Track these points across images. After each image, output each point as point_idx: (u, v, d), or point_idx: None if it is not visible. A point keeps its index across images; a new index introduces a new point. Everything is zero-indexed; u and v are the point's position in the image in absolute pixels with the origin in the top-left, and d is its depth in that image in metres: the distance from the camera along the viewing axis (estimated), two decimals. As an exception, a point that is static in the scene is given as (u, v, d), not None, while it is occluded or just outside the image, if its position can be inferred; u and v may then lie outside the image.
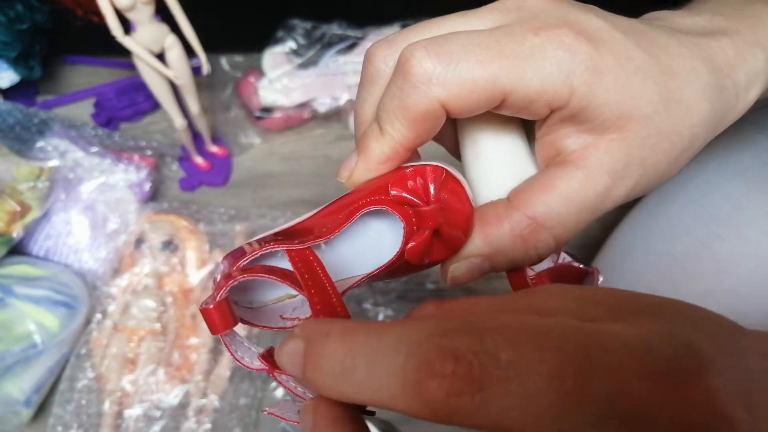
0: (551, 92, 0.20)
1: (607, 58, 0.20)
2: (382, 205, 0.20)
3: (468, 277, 0.23)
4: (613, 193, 0.22)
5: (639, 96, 0.21)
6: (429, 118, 0.21)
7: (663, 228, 0.46)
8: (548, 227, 0.21)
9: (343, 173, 0.23)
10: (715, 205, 0.43)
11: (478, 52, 0.20)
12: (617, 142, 0.21)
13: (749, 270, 0.40)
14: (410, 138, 0.22)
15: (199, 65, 0.53)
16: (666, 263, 0.44)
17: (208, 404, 0.53)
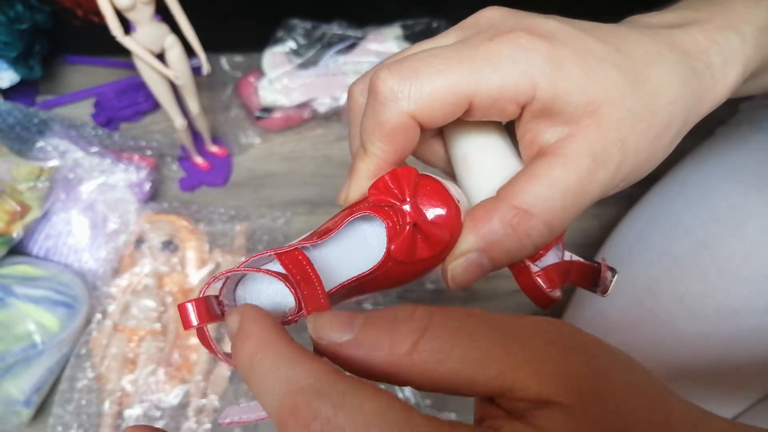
0: (513, 88, 0.21)
1: (564, 51, 0.21)
2: (365, 211, 0.22)
3: (467, 275, 0.23)
4: (597, 176, 0.22)
5: (604, 81, 0.22)
6: (402, 131, 0.22)
7: (662, 228, 0.46)
8: (536, 214, 0.22)
9: (341, 196, 0.26)
10: (713, 205, 0.43)
11: (436, 63, 0.21)
12: (592, 127, 0.22)
13: (748, 269, 0.40)
14: (389, 152, 0.23)
15: (199, 65, 0.53)
16: (665, 263, 0.44)
17: (208, 404, 0.53)
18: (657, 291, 0.43)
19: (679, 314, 0.42)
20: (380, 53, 0.65)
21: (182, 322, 0.20)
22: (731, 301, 0.40)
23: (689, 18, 0.25)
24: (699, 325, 0.41)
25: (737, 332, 0.40)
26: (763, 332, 0.39)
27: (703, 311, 0.41)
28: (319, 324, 0.19)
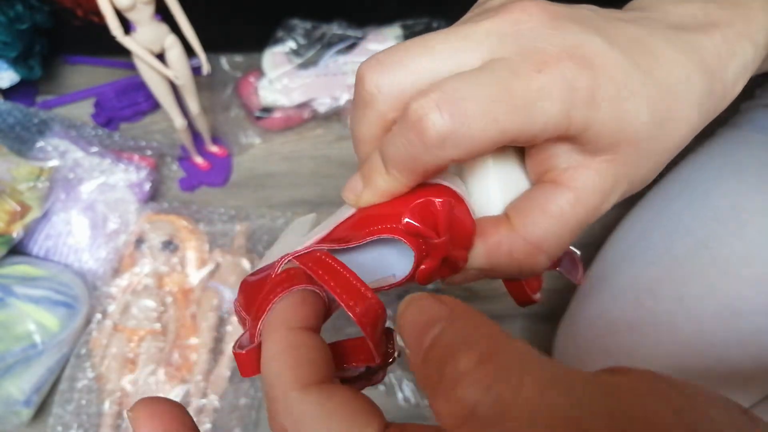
0: (553, 127, 0.21)
1: (604, 87, 0.21)
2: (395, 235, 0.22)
3: (463, 282, 0.25)
4: (602, 208, 0.23)
5: (633, 121, 0.21)
6: (439, 170, 0.22)
7: (662, 228, 0.46)
8: (544, 250, 0.23)
9: (350, 195, 0.24)
10: (714, 205, 0.43)
11: (492, 108, 0.20)
12: (607, 164, 0.22)
13: (748, 270, 0.40)
14: (417, 182, 0.22)
15: (199, 65, 0.53)
16: (666, 263, 0.44)
17: (208, 404, 0.53)
18: (657, 291, 0.43)
19: (679, 314, 0.42)
20: (380, 53, 0.65)
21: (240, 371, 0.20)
22: (732, 301, 0.40)
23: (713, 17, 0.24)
24: (699, 326, 0.41)
25: (738, 333, 0.40)
26: (763, 333, 0.39)
27: (703, 312, 0.41)
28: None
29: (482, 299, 0.60)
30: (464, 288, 0.60)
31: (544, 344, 0.57)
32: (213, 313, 0.56)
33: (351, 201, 0.24)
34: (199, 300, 0.56)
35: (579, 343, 0.49)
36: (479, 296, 0.60)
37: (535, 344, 0.54)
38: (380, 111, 0.22)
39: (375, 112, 0.23)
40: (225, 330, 0.56)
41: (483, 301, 0.60)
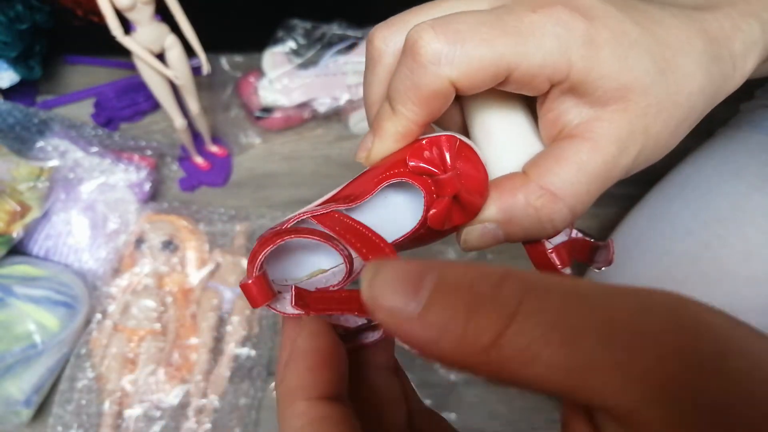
0: (551, 67, 0.21)
1: (602, 32, 0.21)
2: (403, 177, 0.22)
3: (480, 242, 0.23)
4: (620, 161, 0.22)
5: (636, 67, 0.21)
6: (439, 96, 0.22)
7: (663, 228, 0.46)
8: (562, 197, 0.22)
9: (361, 153, 0.24)
10: (714, 205, 0.43)
11: (483, 30, 0.21)
12: (619, 113, 0.22)
13: (749, 270, 0.40)
14: (422, 115, 0.22)
15: (199, 65, 0.53)
16: (666, 263, 0.44)
17: (208, 404, 0.53)
18: None
19: None
20: (380, 53, 0.65)
21: (250, 302, 0.21)
22: (732, 301, 0.40)
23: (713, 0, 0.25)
24: None
25: None
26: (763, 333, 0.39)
27: None
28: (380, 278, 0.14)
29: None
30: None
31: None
32: (213, 313, 0.56)
33: (363, 158, 0.24)
34: (199, 300, 0.56)
35: None
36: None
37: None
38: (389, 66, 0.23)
39: (383, 66, 0.24)
40: (225, 330, 0.56)
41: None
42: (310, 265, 0.24)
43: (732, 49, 0.24)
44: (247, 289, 0.20)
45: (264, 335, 0.56)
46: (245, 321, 0.56)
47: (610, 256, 0.25)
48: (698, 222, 0.43)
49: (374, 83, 0.24)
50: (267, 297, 0.21)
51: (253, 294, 0.21)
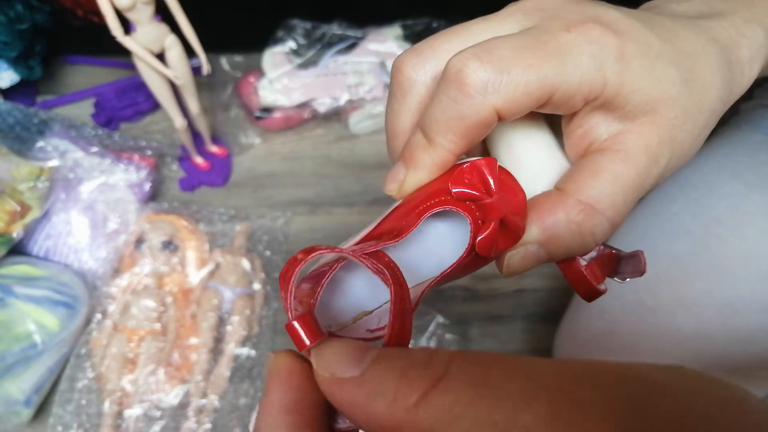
0: (588, 84, 0.21)
1: (631, 47, 0.21)
2: (447, 206, 0.21)
3: (523, 265, 0.23)
4: (652, 171, 0.22)
5: (663, 79, 0.22)
6: (483, 126, 0.21)
7: (663, 228, 0.46)
8: (601, 210, 0.22)
9: (392, 186, 0.24)
10: (714, 205, 0.43)
11: (526, 55, 0.20)
12: (648, 125, 0.22)
13: (748, 269, 0.40)
14: (461, 146, 0.22)
15: (199, 65, 0.53)
16: (666, 263, 0.44)
17: (208, 404, 0.53)
18: (657, 291, 0.43)
19: (679, 314, 0.42)
20: (380, 53, 0.65)
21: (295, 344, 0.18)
22: (732, 301, 0.40)
23: (717, 8, 0.25)
24: (699, 325, 0.41)
25: (737, 332, 0.40)
26: (763, 332, 0.39)
27: (703, 311, 0.41)
28: (326, 352, 0.16)
29: (482, 299, 0.60)
30: (464, 288, 0.61)
31: (545, 344, 0.57)
32: (213, 313, 0.56)
33: (394, 190, 0.24)
34: (199, 300, 0.56)
35: (579, 342, 0.49)
36: (479, 296, 0.60)
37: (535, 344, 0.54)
38: (420, 95, 0.23)
39: (414, 96, 0.23)
40: (225, 330, 0.56)
41: (483, 301, 0.60)
42: (353, 309, 0.23)
43: (739, 55, 0.24)
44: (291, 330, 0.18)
45: (264, 335, 0.56)
46: (245, 321, 0.56)
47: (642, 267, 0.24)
48: (698, 222, 0.43)
49: (403, 112, 0.24)
50: (316, 336, 0.18)
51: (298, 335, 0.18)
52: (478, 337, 0.59)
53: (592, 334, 0.48)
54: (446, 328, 0.58)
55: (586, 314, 0.49)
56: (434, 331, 0.58)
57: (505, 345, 0.59)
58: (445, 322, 0.58)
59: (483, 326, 0.60)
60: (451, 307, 0.59)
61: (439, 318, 0.58)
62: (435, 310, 0.58)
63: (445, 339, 0.58)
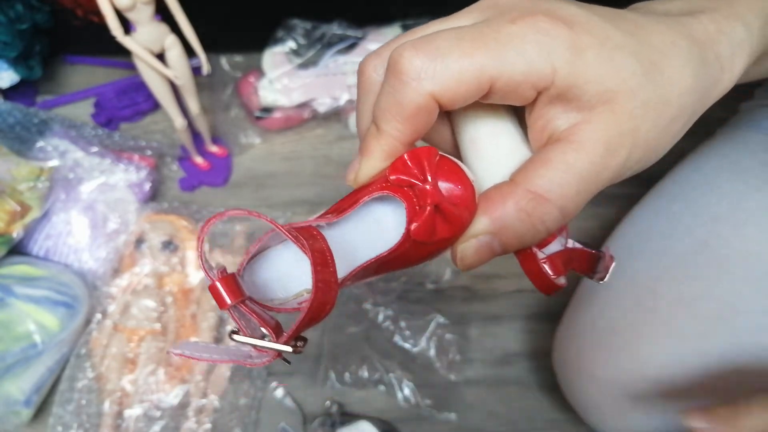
0: (535, 73, 0.21)
1: (585, 38, 0.21)
2: (383, 191, 0.22)
3: (477, 257, 0.23)
4: (609, 162, 0.22)
5: (621, 69, 0.22)
6: (422, 112, 0.22)
7: (662, 228, 0.46)
8: (550, 199, 0.22)
9: (350, 176, 0.25)
10: (714, 204, 0.43)
11: (462, 44, 0.21)
12: (606, 115, 0.22)
13: (748, 268, 0.40)
14: (406, 133, 0.22)
15: (199, 65, 0.53)
16: (665, 262, 0.44)
17: (208, 404, 0.53)
18: (657, 290, 0.43)
19: (679, 313, 0.42)
20: (380, 53, 0.65)
21: (217, 302, 0.20)
22: (731, 300, 0.40)
23: (698, 6, 0.25)
24: (699, 325, 0.41)
25: (737, 331, 0.40)
26: (763, 332, 0.39)
27: (703, 310, 0.41)
28: None
29: (482, 299, 0.60)
30: (464, 288, 0.60)
31: (544, 344, 0.57)
32: (213, 313, 0.56)
33: (351, 180, 0.25)
34: (199, 300, 0.56)
35: (579, 341, 0.49)
36: (478, 296, 0.60)
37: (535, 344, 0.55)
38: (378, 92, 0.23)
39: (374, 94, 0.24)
40: (225, 330, 0.56)
41: (482, 301, 0.60)
42: (296, 286, 0.24)
43: (718, 52, 0.24)
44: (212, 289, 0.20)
45: (264, 335, 0.56)
46: (245, 321, 0.56)
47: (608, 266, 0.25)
48: (698, 221, 0.43)
49: (365, 110, 0.25)
50: (235, 296, 0.20)
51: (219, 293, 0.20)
52: (477, 337, 0.59)
53: (592, 333, 0.48)
54: (446, 328, 0.58)
55: (586, 314, 0.49)
56: (434, 331, 0.58)
57: (505, 345, 0.59)
58: (445, 322, 0.58)
59: (483, 326, 0.60)
60: (451, 307, 0.60)
61: (439, 318, 0.58)
62: (435, 310, 0.59)
63: (445, 339, 0.58)
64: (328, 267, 0.20)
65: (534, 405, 0.57)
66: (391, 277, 0.60)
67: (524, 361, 0.59)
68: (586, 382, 0.48)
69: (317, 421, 0.54)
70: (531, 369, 0.58)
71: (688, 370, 0.42)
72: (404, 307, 0.58)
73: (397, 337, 0.57)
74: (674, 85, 0.23)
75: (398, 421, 0.55)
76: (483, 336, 0.59)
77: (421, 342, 0.57)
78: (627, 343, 0.45)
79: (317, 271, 0.20)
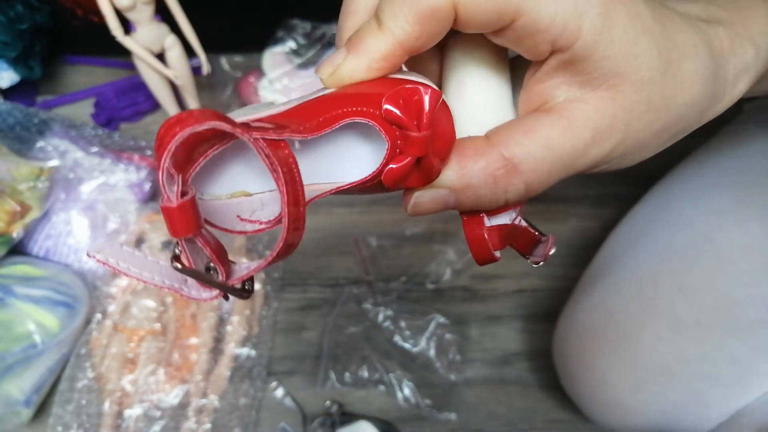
0: (561, 27, 0.20)
1: (620, 9, 0.20)
2: (371, 120, 0.19)
3: (430, 207, 0.22)
4: (590, 150, 0.21)
5: (641, 57, 0.21)
6: (437, 17, 0.19)
7: (664, 221, 0.46)
8: (522, 171, 0.21)
9: (326, 69, 0.21)
10: (716, 198, 0.43)
11: None
12: (606, 101, 0.21)
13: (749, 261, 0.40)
14: (412, 36, 0.20)
15: (199, 65, 0.53)
16: (666, 254, 0.44)
17: (208, 404, 0.53)
18: (658, 281, 0.43)
19: (678, 304, 0.42)
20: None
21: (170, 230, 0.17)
22: (732, 292, 0.40)
23: (716, 16, 0.24)
24: (698, 315, 0.41)
25: (737, 323, 0.40)
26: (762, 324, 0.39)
27: (702, 302, 0.41)
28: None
29: (482, 299, 0.60)
30: (464, 288, 0.60)
31: (544, 344, 0.57)
32: (213, 313, 0.56)
33: (326, 74, 0.21)
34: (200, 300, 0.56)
35: (579, 330, 0.49)
36: (478, 296, 0.60)
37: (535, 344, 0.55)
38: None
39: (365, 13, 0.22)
40: (225, 330, 0.56)
41: (482, 301, 0.60)
42: (233, 183, 0.21)
43: (726, 71, 0.23)
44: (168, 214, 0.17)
45: (264, 335, 0.56)
46: (245, 321, 0.56)
47: (548, 252, 0.23)
48: (700, 214, 0.43)
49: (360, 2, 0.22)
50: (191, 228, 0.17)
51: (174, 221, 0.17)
52: (477, 337, 0.59)
53: (593, 322, 0.48)
54: (446, 328, 0.58)
55: (586, 303, 0.49)
56: (434, 331, 0.58)
57: (505, 345, 0.59)
58: (445, 322, 0.58)
59: (482, 326, 0.60)
60: (451, 307, 0.60)
61: (439, 318, 0.58)
62: (435, 310, 0.59)
63: (444, 339, 0.58)
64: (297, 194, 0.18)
65: (534, 405, 0.57)
66: (391, 277, 0.60)
67: (524, 361, 0.59)
68: (585, 372, 0.48)
69: (317, 421, 0.54)
70: (531, 369, 0.58)
71: (687, 359, 0.42)
72: (404, 307, 0.58)
73: (397, 337, 0.57)
74: (682, 93, 0.22)
75: (398, 421, 0.55)
76: (483, 336, 0.59)
77: (421, 342, 0.57)
78: (626, 332, 0.45)
79: (288, 192, 0.17)
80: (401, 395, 0.55)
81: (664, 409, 0.44)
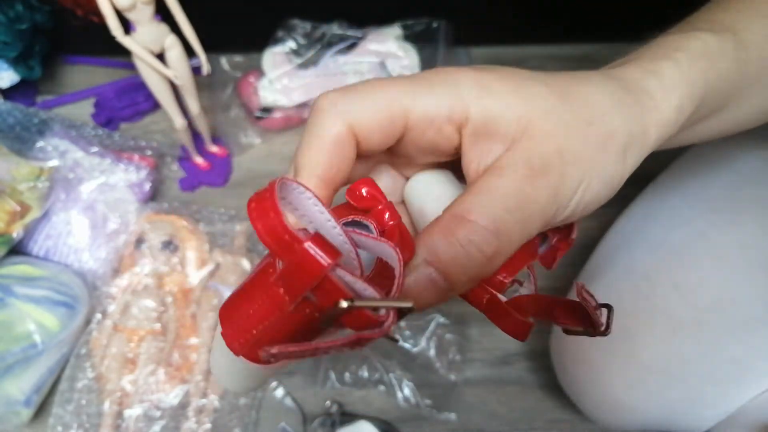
0: (447, 108, 0.22)
1: (491, 75, 0.23)
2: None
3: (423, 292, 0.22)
4: (537, 182, 0.21)
5: (532, 96, 0.22)
6: (338, 141, 0.22)
7: (660, 218, 0.46)
8: (473, 219, 0.21)
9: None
10: (711, 195, 0.43)
11: (376, 82, 0.23)
12: (525, 140, 0.22)
13: (745, 259, 0.40)
14: (325, 166, 0.23)
15: (199, 65, 0.53)
16: (662, 252, 0.44)
17: (208, 404, 0.53)
18: (654, 279, 0.44)
19: (674, 302, 0.42)
20: (380, 53, 0.65)
21: (307, 270, 0.16)
22: (727, 290, 0.40)
23: (625, 60, 0.26)
24: (695, 312, 0.41)
25: (733, 321, 0.40)
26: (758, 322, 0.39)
27: (699, 299, 0.41)
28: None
29: (482, 299, 0.60)
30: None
31: (544, 344, 0.57)
32: (213, 313, 0.56)
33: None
34: (199, 300, 0.56)
35: None
36: (479, 296, 0.60)
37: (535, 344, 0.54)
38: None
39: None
40: (225, 330, 0.56)
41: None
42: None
43: (645, 86, 0.24)
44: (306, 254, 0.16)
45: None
46: (245, 321, 0.56)
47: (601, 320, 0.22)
48: (696, 212, 0.43)
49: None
50: (334, 254, 0.17)
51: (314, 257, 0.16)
52: (477, 337, 0.59)
53: None
54: (446, 328, 0.58)
55: None
56: (434, 331, 0.58)
57: (505, 345, 0.59)
58: (445, 322, 0.58)
59: (482, 326, 0.60)
60: (451, 307, 0.60)
61: (439, 318, 0.58)
62: (435, 310, 0.59)
63: (445, 339, 0.58)
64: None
65: (534, 405, 0.57)
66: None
67: (524, 361, 0.59)
68: (582, 370, 0.48)
69: (317, 421, 0.54)
70: (531, 369, 0.58)
71: (683, 357, 0.42)
72: (404, 307, 0.58)
73: (397, 336, 0.57)
74: (592, 106, 0.23)
75: (398, 421, 0.55)
76: (483, 336, 0.59)
77: (421, 342, 0.57)
78: (622, 330, 0.45)
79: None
80: (401, 395, 0.55)
81: (661, 408, 0.44)
